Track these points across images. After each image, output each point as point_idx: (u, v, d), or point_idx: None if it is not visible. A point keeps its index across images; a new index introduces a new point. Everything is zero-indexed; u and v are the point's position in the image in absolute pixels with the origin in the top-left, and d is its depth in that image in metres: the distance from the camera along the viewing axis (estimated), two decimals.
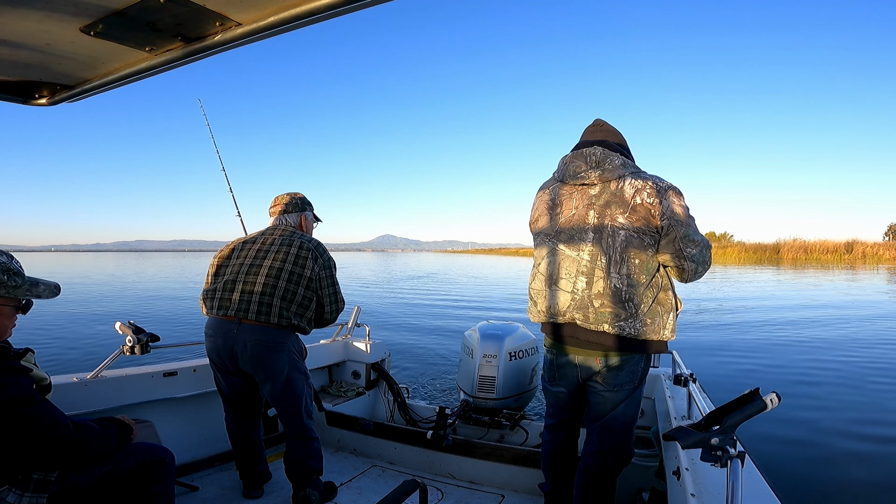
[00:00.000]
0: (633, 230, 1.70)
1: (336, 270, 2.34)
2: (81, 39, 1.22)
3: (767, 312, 11.49)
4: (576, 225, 1.80)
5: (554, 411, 2.04)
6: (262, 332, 2.11)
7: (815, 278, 22.57)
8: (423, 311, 13.38)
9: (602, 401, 1.81)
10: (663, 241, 1.72)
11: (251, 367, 2.15)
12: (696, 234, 1.71)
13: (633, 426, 1.85)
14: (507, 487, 2.49)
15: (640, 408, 1.88)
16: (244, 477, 2.40)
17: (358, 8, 0.99)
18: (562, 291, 1.81)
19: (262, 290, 2.12)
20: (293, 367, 2.19)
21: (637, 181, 1.72)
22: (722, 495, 1.16)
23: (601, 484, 1.86)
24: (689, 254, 1.70)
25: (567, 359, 1.86)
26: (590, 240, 1.76)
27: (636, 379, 1.79)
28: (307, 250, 2.22)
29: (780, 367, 6.40)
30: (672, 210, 1.69)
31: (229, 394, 2.32)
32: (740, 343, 7.97)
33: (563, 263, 1.82)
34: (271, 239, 2.27)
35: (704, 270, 1.77)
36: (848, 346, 7.61)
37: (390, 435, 2.77)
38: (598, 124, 1.95)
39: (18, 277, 1.43)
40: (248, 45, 1.20)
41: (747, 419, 1.10)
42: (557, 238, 1.85)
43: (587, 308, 1.74)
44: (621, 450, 1.84)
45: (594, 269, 1.74)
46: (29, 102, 1.63)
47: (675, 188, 1.73)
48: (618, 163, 1.77)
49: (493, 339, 3.04)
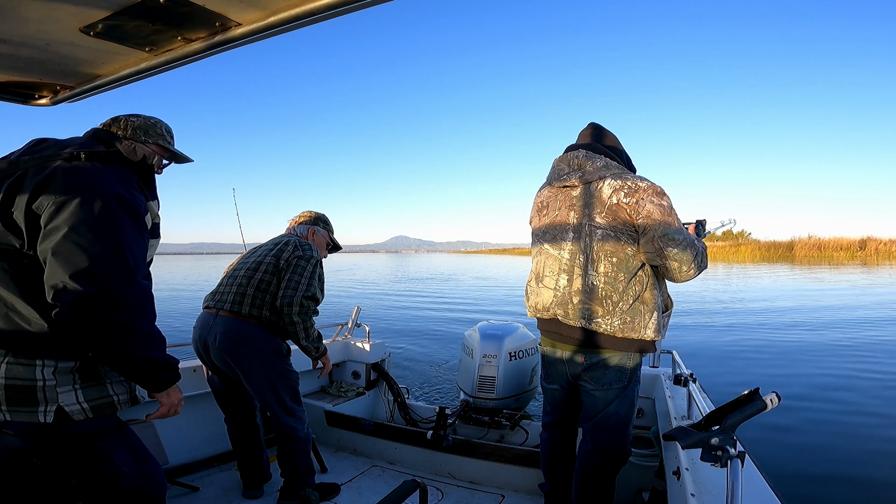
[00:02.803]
0: (611, 229, 1.74)
1: (315, 267, 2.22)
2: (81, 39, 1.22)
3: (768, 311, 11.49)
4: (558, 225, 1.88)
5: (550, 409, 2.06)
6: (233, 325, 2.12)
7: (820, 276, 22.58)
8: (424, 311, 13.38)
9: (593, 400, 1.84)
10: (642, 241, 1.73)
11: (220, 360, 2.15)
12: (677, 234, 1.69)
13: (627, 425, 1.85)
14: (507, 487, 2.49)
15: (634, 407, 1.88)
16: (244, 476, 2.40)
17: (358, 8, 0.99)
18: (546, 289, 1.89)
19: (240, 281, 2.17)
20: (265, 364, 2.15)
21: (616, 182, 1.75)
22: (722, 495, 1.16)
23: (598, 484, 1.87)
24: (671, 253, 1.69)
25: (556, 356, 1.91)
26: (570, 239, 1.83)
27: (625, 378, 1.79)
28: (290, 244, 2.22)
29: (780, 367, 6.40)
30: (649, 209, 1.69)
31: (218, 390, 2.33)
32: (740, 343, 7.96)
33: (547, 262, 1.90)
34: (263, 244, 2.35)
35: (695, 269, 1.73)
36: (848, 345, 7.60)
37: (390, 435, 2.77)
38: (590, 128, 2.00)
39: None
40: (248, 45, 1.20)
41: (747, 419, 1.10)
42: (544, 238, 1.94)
43: (567, 304, 1.80)
44: (617, 449, 1.84)
45: (573, 267, 1.80)
46: (29, 102, 1.64)
47: (655, 187, 1.73)
48: (599, 164, 1.81)
49: (492, 339, 3.04)
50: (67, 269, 1.17)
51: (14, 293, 1.23)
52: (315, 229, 2.47)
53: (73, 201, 1.21)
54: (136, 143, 1.48)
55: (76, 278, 1.17)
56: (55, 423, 1.24)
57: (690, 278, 1.76)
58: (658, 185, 1.75)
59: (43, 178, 1.23)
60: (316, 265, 2.22)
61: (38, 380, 1.22)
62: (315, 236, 2.46)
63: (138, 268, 1.28)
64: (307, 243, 2.28)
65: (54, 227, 1.19)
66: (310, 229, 2.46)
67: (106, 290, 1.20)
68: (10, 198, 1.24)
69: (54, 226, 1.19)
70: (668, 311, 1.85)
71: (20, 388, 1.21)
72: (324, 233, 2.50)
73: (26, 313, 1.23)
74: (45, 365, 1.24)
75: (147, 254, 1.38)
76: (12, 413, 1.21)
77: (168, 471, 2.35)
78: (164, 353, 1.37)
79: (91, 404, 1.29)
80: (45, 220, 1.20)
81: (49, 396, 1.23)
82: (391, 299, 16.88)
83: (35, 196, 1.22)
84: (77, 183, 1.24)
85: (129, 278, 1.24)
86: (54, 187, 1.22)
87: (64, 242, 1.18)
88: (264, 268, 2.17)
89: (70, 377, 1.27)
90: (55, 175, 1.24)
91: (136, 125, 1.50)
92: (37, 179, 1.23)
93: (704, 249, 1.80)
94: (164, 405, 1.42)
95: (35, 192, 1.22)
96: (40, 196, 1.22)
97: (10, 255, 1.24)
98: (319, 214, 2.54)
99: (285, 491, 2.24)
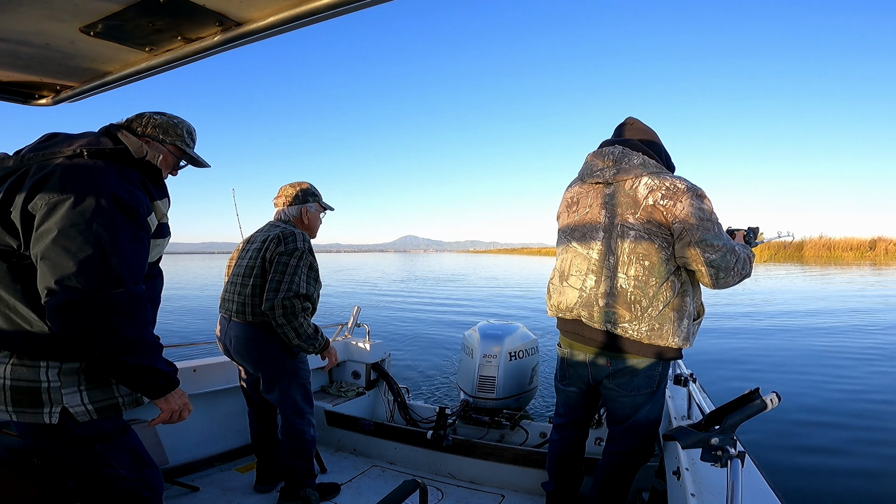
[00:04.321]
0: (644, 230, 1.66)
1: (300, 259, 2.12)
2: (81, 39, 1.22)
3: (768, 311, 11.48)
4: (588, 223, 1.80)
5: (564, 411, 2.03)
6: (242, 330, 2.19)
7: (824, 276, 22.56)
8: (424, 311, 13.38)
9: (621, 406, 1.79)
10: (678, 245, 1.65)
11: (239, 361, 2.30)
12: (716, 239, 1.61)
13: (657, 426, 1.84)
14: (508, 487, 2.49)
15: (663, 408, 1.87)
16: (257, 470, 2.48)
17: (358, 8, 0.99)
18: (571, 288, 1.82)
19: (240, 289, 2.20)
20: (276, 364, 2.19)
21: (653, 181, 1.67)
22: (722, 495, 1.16)
23: (620, 483, 1.87)
24: (708, 259, 1.61)
25: (577, 358, 1.86)
26: (600, 238, 1.75)
27: (653, 383, 1.75)
28: (274, 239, 2.16)
29: (780, 367, 6.40)
30: (687, 213, 1.61)
31: (245, 386, 2.43)
32: (741, 342, 7.96)
33: (574, 261, 1.83)
34: (255, 236, 2.33)
35: (734, 277, 1.65)
36: (848, 345, 7.60)
37: (390, 435, 2.77)
38: (628, 122, 1.92)
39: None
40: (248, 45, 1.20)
41: (747, 419, 1.10)
42: (572, 236, 1.87)
43: (592, 306, 1.74)
44: (645, 450, 1.84)
45: (602, 268, 1.73)
46: (30, 102, 1.63)
47: (694, 189, 1.64)
48: (636, 162, 1.72)
49: (493, 339, 3.04)
50: (54, 273, 1.14)
51: (14, 294, 1.22)
52: (306, 208, 2.36)
53: (65, 203, 1.18)
54: (154, 141, 1.46)
55: (62, 283, 1.14)
56: (58, 424, 1.23)
57: (729, 286, 1.67)
58: (699, 186, 1.66)
59: (41, 178, 1.21)
60: (301, 257, 2.12)
61: (43, 381, 1.22)
62: (307, 215, 2.37)
63: (131, 272, 1.24)
64: (292, 233, 2.17)
65: (46, 230, 1.17)
66: (301, 209, 2.35)
67: (92, 295, 1.16)
68: (10, 196, 1.22)
69: (46, 228, 1.17)
70: (699, 319, 1.77)
71: (25, 390, 1.20)
72: (315, 206, 2.40)
73: (27, 315, 1.22)
74: (50, 366, 1.23)
75: (149, 255, 1.35)
76: (18, 414, 1.21)
77: (168, 471, 2.35)
78: (157, 360, 1.32)
79: (96, 406, 1.28)
80: (38, 221, 1.18)
81: (54, 398, 1.22)
82: (392, 299, 16.87)
83: (31, 196, 1.20)
84: (73, 183, 1.21)
85: (117, 283, 1.19)
86: (50, 187, 1.20)
87: (53, 246, 1.15)
88: (255, 272, 2.17)
89: (75, 378, 1.26)
90: (53, 174, 1.21)
91: (157, 123, 1.48)
92: (35, 178, 1.21)
93: (749, 257, 1.72)
94: (164, 411, 1.38)
95: (31, 192, 1.20)
96: (36, 196, 1.19)
97: (9, 256, 1.22)
98: (304, 188, 2.38)
99: (285, 491, 2.25)
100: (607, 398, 1.84)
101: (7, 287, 1.22)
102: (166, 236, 1.44)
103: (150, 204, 1.35)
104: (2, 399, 1.21)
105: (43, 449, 1.32)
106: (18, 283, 1.22)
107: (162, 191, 1.44)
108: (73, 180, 1.22)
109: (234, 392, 2.68)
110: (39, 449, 1.33)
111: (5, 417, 1.22)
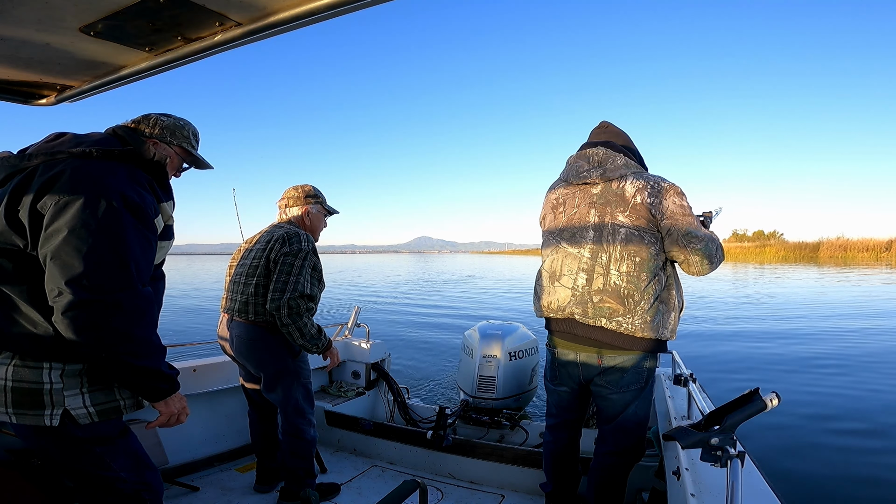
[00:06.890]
0: (634, 228, 1.74)
1: (305, 260, 2.14)
2: (81, 39, 1.22)
3: (768, 311, 11.49)
4: (577, 223, 1.85)
5: (556, 411, 2.04)
6: (244, 330, 2.20)
7: (835, 277, 22.55)
8: (424, 311, 13.38)
9: (611, 404, 1.83)
10: (667, 241, 1.76)
11: (240, 360, 2.31)
12: (698, 231, 1.74)
13: (646, 424, 1.87)
14: (507, 487, 2.49)
15: (651, 406, 1.89)
16: (257, 470, 2.48)
17: (358, 8, 0.99)
18: (563, 287, 1.86)
19: (243, 289, 2.21)
20: (277, 364, 2.20)
21: (638, 181, 1.76)
22: (722, 495, 1.16)
23: (615, 483, 1.88)
24: (694, 248, 1.73)
25: (568, 357, 1.89)
26: (590, 238, 1.80)
27: (642, 379, 1.80)
28: (279, 239, 2.17)
29: (780, 367, 6.40)
30: (673, 209, 1.72)
31: (246, 385, 2.45)
32: (741, 342, 7.96)
33: (565, 261, 1.87)
34: (259, 236, 2.34)
35: (713, 264, 1.78)
36: (848, 345, 7.60)
37: (390, 435, 2.77)
38: (603, 126, 1.99)
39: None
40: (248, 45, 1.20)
41: (747, 419, 1.10)
42: (561, 236, 1.91)
43: (586, 304, 1.78)
44: (636, 449, 1.86)
45: (594, 266, 1.78)
46: (30, 102, 1.64)
47: (675, 187, 1.76)
48: (619, 163, 1.81)
49: (492, 339, 3.04)
50: (64, 274, 1.14)
51: (19, 294, 1.21)
52: (308, 209, 2.38)
53: (75, 203, 1.17)
54: (161, 143, 1.46)
55: (72, 284, 1.13)
56: (59, 427, 1.22)
57: (710, 271, 1.80)
58: (677, 184, 1.78)
59: (49, 177, 1.20)
60: (305, 257, 2.14)
61: (45, 383, 1.21)
62: (310, 216, 2.38)
63: (140, 273, 1.24)
64: (296, 234, 2.19)
65: (55, 230, 1.16)
66: (303, 210, 2.37)
67: (102, 295, 1.16)
68: (17, 196, 1.21)
69: (55, 228, 1.16)
70: (682, 312, 1.87)
71: (27, 391, 1.19)
72: (317, 207, 2.41)
73: (32, 315, 1.21)
74: (53, 368, 1.22)
75: (156, 256, 1.35)
76: (18, 416, 1.20)
77: (168, 471, 2.36)
78: (162, 363, 1.32)
79: (97, 409, 1.27)
80: (47, 221, 1.17)
81: (56, 400, 1.21)
82: (392, 299, 16.86)
83: (40, 195, 1.19)
84: (82, 183, 1.20)
85: (127, 284, 1.20)
86: (59, 187, 1.19)
87: (63, 246, 1.15)
88: (259, 272, 2.17)
89: (77, 380, 1.25)
90: (62, 174, 1.21)
91: (165, 125, 1.47)
92: (44, 178, 1.20)
93: (720, 242, 1.84)
94: (163, 414, 1.38)
95: (40, 192, 1.19)
96: (45, 195, 1.19)
97: (15, 256, 1.22)
98: (307, 189, 2.40)
99: (285, 491, 2.25)
100: (597, 396, 1.87)
101: (12, 287, 1.21)
102: (171, 239, 1.44)
103: (158, 206, 1.35)
104: (2, 400, 1.20)
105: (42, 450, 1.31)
106: (24, 283, 1.21)
107: (168, 193, 1.44)
108: (84, 180, 1.21)
109: (234, 392, 2.69)
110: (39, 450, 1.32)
111: (4, 419, 1.21)
